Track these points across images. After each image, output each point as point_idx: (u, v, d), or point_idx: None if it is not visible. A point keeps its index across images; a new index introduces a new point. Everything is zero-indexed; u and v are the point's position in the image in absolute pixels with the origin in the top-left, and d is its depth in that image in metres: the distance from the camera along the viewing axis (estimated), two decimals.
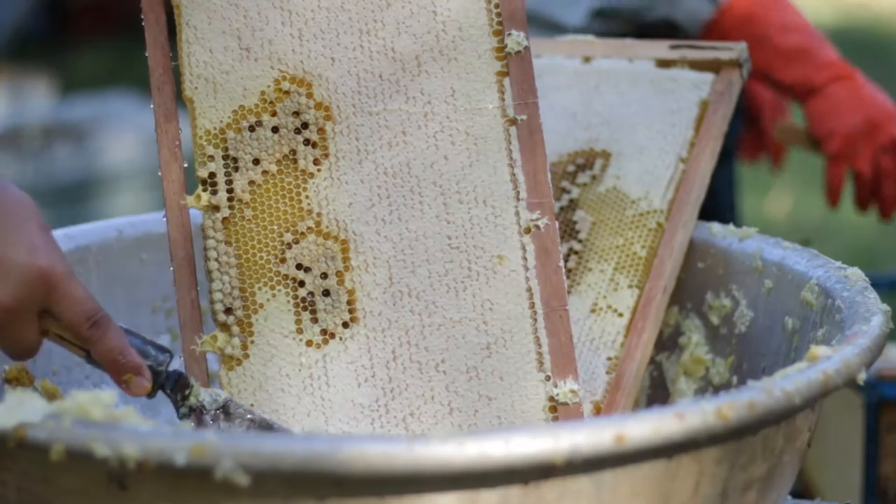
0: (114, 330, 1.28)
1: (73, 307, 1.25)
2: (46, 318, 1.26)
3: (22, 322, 1.24)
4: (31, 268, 1.22)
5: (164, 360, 1.32)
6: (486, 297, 1.39)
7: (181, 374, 1.34)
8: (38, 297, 1.24)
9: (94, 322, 1.27)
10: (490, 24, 1.41)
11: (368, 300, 1.39)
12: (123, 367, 1.29)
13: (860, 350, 1.26)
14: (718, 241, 1.62)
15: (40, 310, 1.25)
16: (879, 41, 6.72)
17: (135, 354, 1.29)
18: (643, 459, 1.13)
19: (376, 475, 1.06)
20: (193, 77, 1.39)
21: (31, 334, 1.26)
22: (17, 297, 1.22)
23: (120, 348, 1.28)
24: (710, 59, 1.65)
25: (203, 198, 1.38)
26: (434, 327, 1.39)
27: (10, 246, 1.22)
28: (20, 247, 1.22)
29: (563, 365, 1.38)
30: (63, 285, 1.24)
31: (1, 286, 1.22)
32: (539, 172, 1.40)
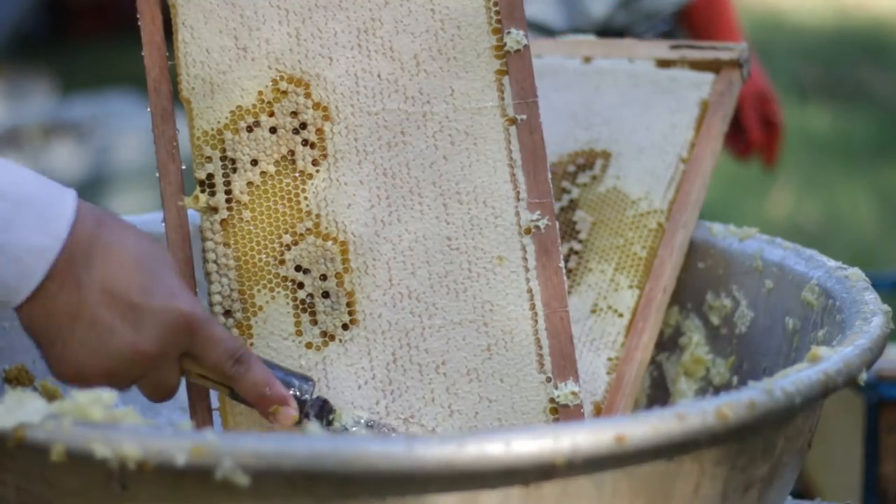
0: (257, 364, 1.29)
1: (216, 348, 1.26)
2: (186, 360, 1.27)
3: (165, 366, 1.26)
4: (172, 314, 1.23)
5: (308, 388, 1.32)
6: (487, 299, 1.39)
7: (325, 401, 1.34)
8: (181, 341, 1.25)
9: (237, 359, 1.28)
10: (489, 23, 1.41)
11: (368, 302, 1.39)
12: (270, 399, 1.30)
13: (861, 350, 1.26)
14: (719, 241, 1.62)
15: (181, 353, 1.26)
16: (879, 41, 6.73)
17: (280, 386, 1.30)
18: (643, 460, 1.13)
19: (376, 475, 1.06)
20: (190, 77, 1.39)
21: (173, 378, 1.27)
22: (161, 343, 1.23)
23: (265, 382, 1.29)
24: (710, 59, 1.65)
25: (201, 199, 1.38)
26: (434, 329, 1.39)
27: (152, 293, 1.23)
28: (161, 293, 1.23)
29: (563, 366, 1.38)
30: (204, 328, 1.25)
31: (146, 333, 1.23)
32: (539, 172, 1.40)
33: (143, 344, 1.23)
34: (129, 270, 1.23)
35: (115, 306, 1.22)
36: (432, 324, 1.39)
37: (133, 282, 1.22)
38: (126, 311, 1.22)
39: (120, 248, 1.23)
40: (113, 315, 1.22)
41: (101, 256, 1.22)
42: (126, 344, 1.22)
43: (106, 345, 1.22)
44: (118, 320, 1.22)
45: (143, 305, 1.22)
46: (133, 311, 1.22)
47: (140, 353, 1.23)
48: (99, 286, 1.21)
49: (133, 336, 1.22)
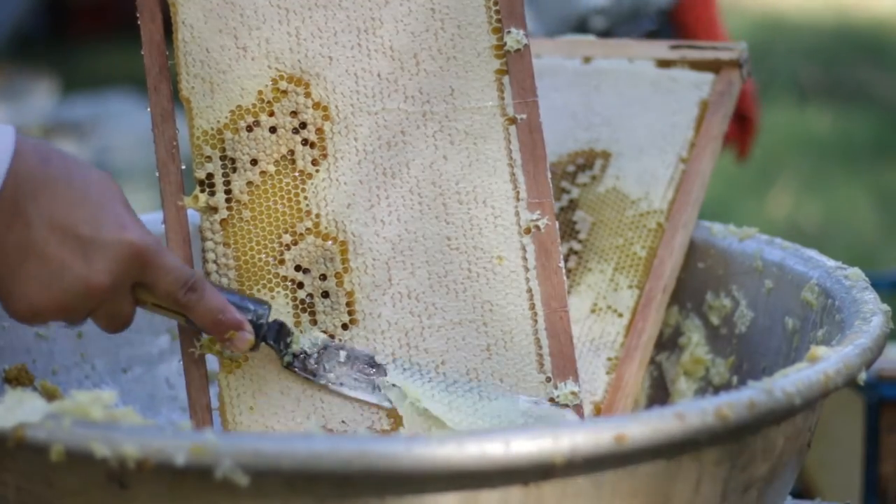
0: (210, 291, 1.30)
1: (168, 277, 1.27)
2: (139, 289, 1.28)
3: (118, 298, 1.26)
4: (122, 244, 1.24)
5: (264, 312, 1.33)
6: (486, 299, 1.39)
7: (282, 324, 1.35)
8: (133, 271, 1.25)
9: (190, 287, 1.28)
10: (489, 22, 1.41)
11: (368, 302, 1.38)
12: (225, 324, 1.30)
13: (860, 350, 1.26)
14: (718, 241, 1.62)
15: (134, 283, 1.27)
16: (879, 41, 6.72)
17: (234, 311, 1.31)
18: (643, 460, 1.13)
19: (376, 475, 1.06)
20: (190, 77, 1.39)
21: (127, 309, 1.28)
22: (112, 274, 1.24)
23: (219, 307, 1.30)
24: (710, 59, 1.65)
25: (201, 199, 1.38)
26: (433, 329, 1.39)
27: (101, 226, 1.23)
28: (110, 225, 1.24)
29: (563, 366, 1.38)
30: (155, 257, 1.26)
31: (97, 266, 1.23)
32: (539, 172, 1.40)
33: (95, 277, 1.23)
34: (76, 204, 1.23)
35: (65, 241, 1.22)
36: (432, 323, 1.39)
37: (81, 215, 1.23)
38: (76, 245, 1.22)
39: (67, 182, 1.23)
40: (63, 250, 1.22)
41: (47, 191, 1.22)
42: (78, 278, 1.23)
43: (58, 280, 1.23)
44: (68, 254, 1.22)
45: (93, 238, 1.23)
46: (83, 245, 1.23)
47: (92, 286, 1.23)
48: (47, 221, 1.22)
49: (84, 269, 1.23)
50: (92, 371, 1.59)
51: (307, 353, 1.36)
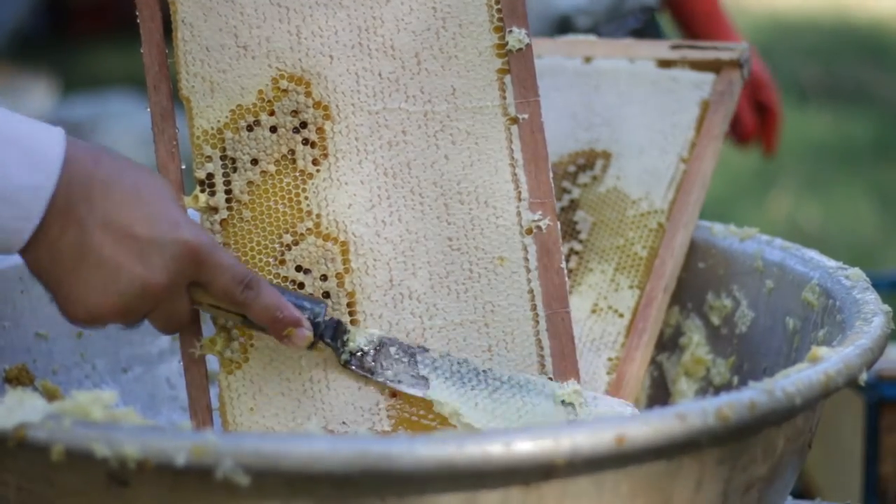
0: (267, 289, 1.30)
1: (224, 275, 1.27)
2: (194, 290, 1.28)
3: (175, 298, 1.27)
4: (178, 244, 1.24)
5: (320, 311, 1.33)
6: (488, 300, 1.39)
7: (339, 322, 1.35)
8: (189, 271, 1.26)
9: (247, 285, 1.28)
10: (491, 21, 1.40)
11: (369, 303, 1.38)
12: (283, 322, 1.30)
13: (861, 350, 1.26)
14: (719, 241, 1.62)
15: (189, 283, 1.27)
16: (879, 41, 6.72)
17: (292, 308, 1.31)
18: (644, 460, 1.13)
19: (377, 475, 1.06)
20: (190, 76, 1.38)
21: (183, 309, 1.28)
22: (169, 273, 1.24)
23: (277, 305, 1.30)
24: (710, 59, 1.65)
25: (201, 199, 1.37)
26: (435, 330, 1.38)
27: (155, 225, 1.24)
28: (164, 224, 1.24)
29: (564, 367, 1.38)
30: (211, 255, 1.26)
31: (153, 265, 1.24)
32: (541, 172, 1.40)
33: (152, 277, 1.23)
34: (130, 205, 1.23)
35: (120, 242, 1.22)
36: (433, 324, 1.38)
37: (135, 216, 1.23)
38: (131, 246, 1.22)
39: (119, 183, 1.24)
40: (118, 251, 1.22)
41: (100, 193, 1.22)
42: (135, 279, 1.23)
43: (114, 282, 1.23)
44: (124, 256, 1.22)
45: (148, 238, 1.23)
46: (138, 245, 1.23)
47: (149, 287, 1.24)
48: (101, 223, 1.22)
49: (141, 270, 1.23)
50: (92, 371, 1.59)
51: (364, 351, 1.36)
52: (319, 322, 1.33)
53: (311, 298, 1.35)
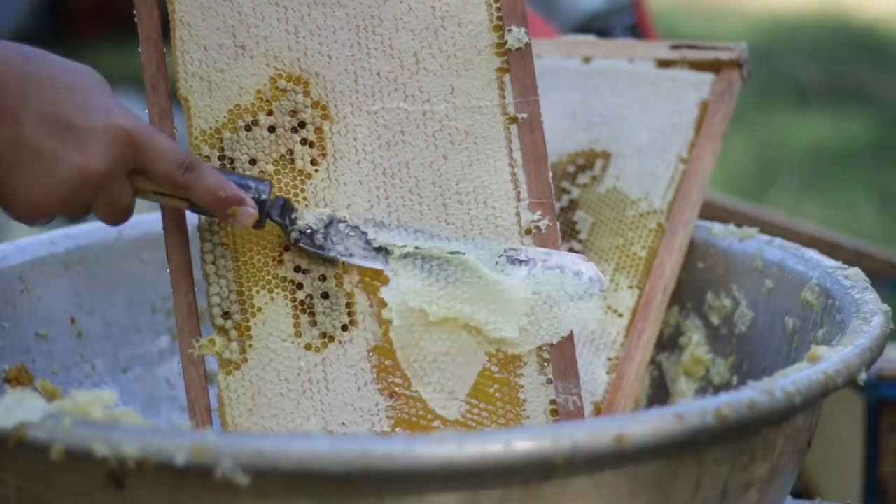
0: (208, 170, 1.30)
1: (163, 158, 1.28)
2: (137, 178, 1.29)
3: (115, 185, 1.27)
4: (113, 130, 1.26)
5: (265, 189, 1.33)
6: None
7: (286, 200, 1.35)
8: (127, 156, 1.27)
9: (187, 166, 1.29)
10: (490, 20, 1.40)
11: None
12: (226, 201, 1.31)
13: (860, 350, 1.26)
14: (719, 241, 1.62)
15: (129, 170, 1.28)
16: (879, 41, 6.72)
17: (235, 187, 1.31)
18: (643, 460, 1.13)
19: (376, 475, 1.06)
20: (188, 75, 1.38)
21: (126, 197, 1.29)
22: (107, 160, 1.25)
23: (219, 185, 1.30)
24: (710, 60, 1.65)
25: None
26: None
27: (90, 113, 1.25)
28: (99, 112, 1.26)
29: (564, 368, 1.38)
30: (148, 140, 1.27)
31: (90, 153, 1.25)
32: (540, 172, 1.39)
33: (90, 164, 1.25)
34: (63, 96, 1.25)
35: (56, 132, 1.24)
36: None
37: (69, 106, 1.25)
38: (67, 135, 1.24)
39: (51, 77, 1.25)
40: (55, 141, 1.24)
41: (33, 89, 1.24)
42: (73, 167, 1.24)
43: (53, 172, 1.24)
44: (61, 145, 1.24)
45: (83, 126, 1.25)
46: (74, 134, 1.24)
47: (88, 174, 1.25)
48: (36, 116, 1.24)
49: (78, 158, 1.24)
50: (92, 371, 1.58)
51: (313, 229, 1.36)
52: (265, 200, 1.33)
53: (256, 178, 1.34)
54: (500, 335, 1.35)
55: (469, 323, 1.35)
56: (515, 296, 1.36)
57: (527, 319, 1.36)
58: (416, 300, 1.35)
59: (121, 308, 1.62)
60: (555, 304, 1.36)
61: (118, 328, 1.62)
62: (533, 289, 1.36)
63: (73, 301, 1.58)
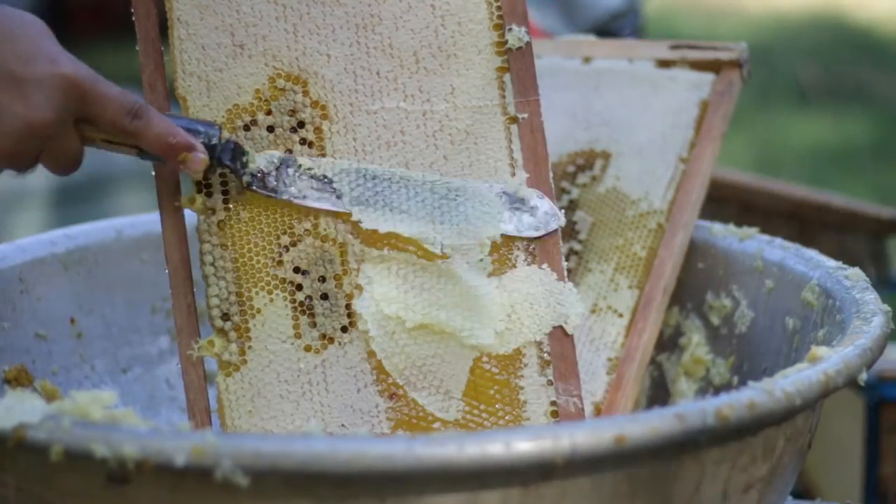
0: (156, 116, 1.29)
1: (110, 105, 1.27)
2: (84, 127, 1.28)
3: (62, 134, 1.26)
4: (57, 78, 1.24)
5: (214, 133, 1.32)
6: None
7: (236, 144, 1.34)
8: (72, 104, 1.25)
9: (135, 113, 1.28)
10: (490, 19, 1.40)
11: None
12: (176, 147, 1.30)
13: (861, 350, 1.26)
14: (719, 241, 1.61)
15: (76, 118, 1.27)
16: (880, 41, 6.72)
17: (184, 133, 1.30)
18: (643, 460, 1.13)
19: (376, 476, 1.06)
20: (186, 75, 1.37)
21: (73, 144, 1.27)
22: (52, 108, 1.24)
23: (168, 131, 1.29)
24: (709, 60, 1.65)
25: (198, 200, 1.37)
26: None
27: (31, 63, 1.23)
28: (41, 61, 1.24)
29: (564, 369, 1.37)
30: (93, 87, 1.26)
31: (34, 102, 1.23)
32: (541, 173, 1.39)
33: (34, 113, 1.23)
34: (4, 43, 1.23)
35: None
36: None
37: (11, 54, 1.23)
38: (9, 86, 1.23)
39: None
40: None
41: None
42: (17, 117, 1.23)
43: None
44: (4, 96, 1.23)
45: (26, 75, 1.23)
46: (16, 84, 1.23)
47: (33, 124, 1.23)
48: None
49: (22, 108, 1.23)
50: (91, 372, 1.58)
51: (265, 172, 1.35)
52: (215, 145, 1.32)
53: (204, 122, 1.33)
54: (475, 342, 1.35)
55: (445, 329, 1.35)
56: (491, 301, 1.35)
57: (503, 325, 1.35)
58: (391, 307, 1.35)
59: (120, 308, 1.62)
60: (535, 302, 1.36)
61: (118, 328, 1.62)
62: (511, 289, 1.36)
63: (72, 301, 1.58)
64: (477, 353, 1.36)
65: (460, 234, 1.35)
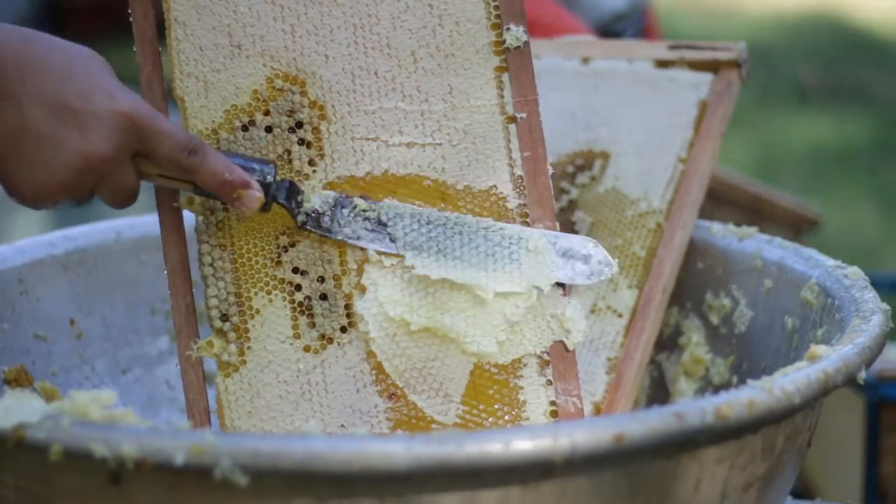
0: (212, 153, 1.30)
1: (167, 141, 1.28)
2: (141, 162, 1.29)
3: (119, 168, 1.27)
4: (116, 112, 1.25)
5: (270, 171, 1.33)
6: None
7: (292, 183, 1.35)
8: (130, 140, 1.26)
9: (191, 150, 1.29)
10: (488, 18, 1.40)
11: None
12: (232, 184, 1.30)
13: (860, 349, 1.25)
14: (718, 240, 1.61)
15: (133, 153, 1.28)
16: (879, 41, 6.72)
17: (240, 170, 1.31)
18: (642, 459, 1.13)
19: (376, 475, 1.06)
20: (183, 75, 1.37)
21: (129, 180, 1.28)
22: (110, 143, 1.25)
23: (224, 167, 1.30)
24: (708, 60, 1.65)
25: (196, 201, 1.36)
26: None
27: (91, 97, 1.25)
28: (101, 95, 1.25)
29: (564, 369, 1.37)
30: (151, 123, 1.27)
31: (93, 137, 1.24)
32: (539, 173, 1.39)
33: (93, 148, 1.24)
34: (64, 80, 1.24)
35: (58, 117, 1.24)
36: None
37: (70, 90, 1.24)
38: (69, 120, 1.24)
39: (49, 59, 1.25)
40: (57, 126, 1.24)
41: (32, 71, 1.24)
42: (76, 151, 1.24)
43: (56, 157, 1.24)
44: (63, 130, 1.24)
45: (85, 110, 1.24)
46: (76, 118, 1.24)
47: (91, 158, 1.25)
48: (37, 100, 1.23)
49: (81, 142, 1.24)
50: (91, 372, 1.58)
51: (319, 212, 1.36)
52: (270, 183, 1.32)
53: (260, 160, 1.34)
54: (476, 349, 1.35)
55: (447, 335, 1.35)
56: (495, 310, 1.35)
57: (505, 334, 1.35)
58: (395, 309, 1.35)
59: (120, 309, 1.62)
60: (538, 315, 1.36)
61: (117, 329, 1.62)
62: (516, 300, 1.36)
63: (72, 302, 1.58)
64: (477, 358, 1.36)
65: (512, 281, 1.35)
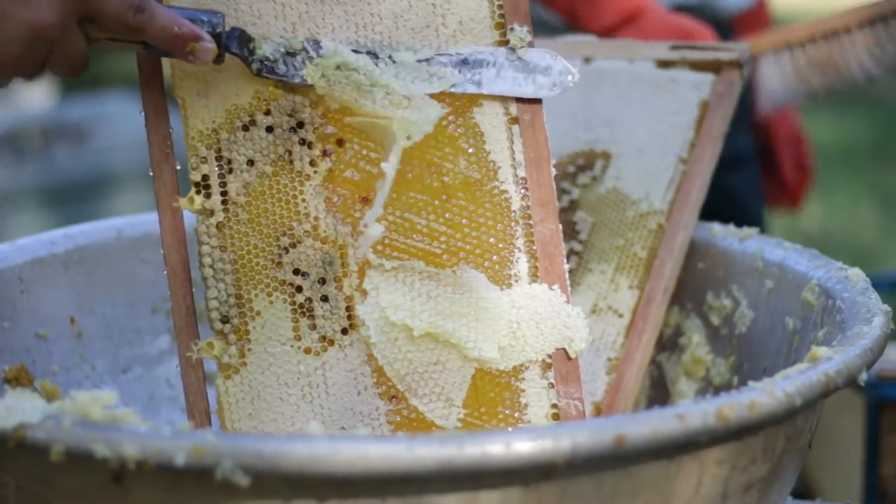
0: (159, 8, 1.29)
1: (112, 2, 1.26)
2: (88, 26, 1.27)
3: (68, 36, 1.25)
4: None
5: (219, 21, 1.32)
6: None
7: (242, 31, 1.34)
8: (75, 4, 1.25)
9: (137, 8, 1.27)
10: (492, 18, 1.39)
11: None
12: (183, 38, 1.29)
13: (861, 351, 1.25)
14: (719, 241, 1.61)
15: (80, 18, 1.26)
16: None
17: (189, 23, 1.29)
18: (643, 460, 1.13)
19: (376, 476, 1.06)
20: (184, 75, 1.37)
21: (80, 47, 1.27)
22: (56, 10, 1.23)
23: (172, 21, 1.29)
24: (710, 60, 1.65)
25: (196, 201, 1.36)
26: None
27: None
28: None
29: (566, 370, 1.37)
30: None
31: (38, 6, 1.23)
32: (542, 173, 1.39)
33: (38, 16, 1.23)
34: None
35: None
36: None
37: None
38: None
39: None
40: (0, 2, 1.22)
41: None
42: (21, 22, 1.23)
43: (3, 31, 1.23)
44: (6, 4, 1.22)
45: None
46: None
47: (38, 27, 1.23)
48: None
49: (25, 13, 1.23)
50: (92, 371, 1.58)
51: (272, 59, 1.35)
52: (221, 33, 1.32)
53: (207, 10, 1.33)
54: (478, 354, 1.35)
55: (449, 340, 1.34)
56: (499, 315, 1.35)
57: (507, 340, 1.35)
58: (397, 314, 1.35)
59: (121, 308, 1.62)
60: (541, 321, 1.36)
61: (118, 328, 1.62)
62: (519, 305, 1.36)
63: (72, 301, 1.58)
64: (479, 363, 1.36)
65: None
